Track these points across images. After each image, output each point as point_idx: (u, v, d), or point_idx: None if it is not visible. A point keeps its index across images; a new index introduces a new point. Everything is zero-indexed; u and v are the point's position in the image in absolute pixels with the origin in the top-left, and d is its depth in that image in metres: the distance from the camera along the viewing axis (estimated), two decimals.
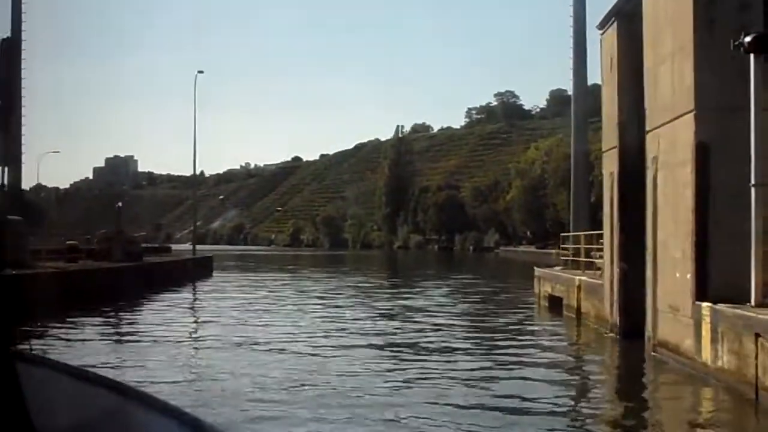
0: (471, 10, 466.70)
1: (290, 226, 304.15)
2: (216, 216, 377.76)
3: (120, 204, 60.55)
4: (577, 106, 38.05)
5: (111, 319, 33.21)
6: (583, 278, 28.97)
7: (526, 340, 25.94)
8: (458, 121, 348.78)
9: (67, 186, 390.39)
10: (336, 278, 68.64)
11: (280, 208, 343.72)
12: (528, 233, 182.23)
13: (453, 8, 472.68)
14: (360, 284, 58.49)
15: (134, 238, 52.78)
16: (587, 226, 38.50)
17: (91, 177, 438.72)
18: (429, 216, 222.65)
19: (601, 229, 35.98)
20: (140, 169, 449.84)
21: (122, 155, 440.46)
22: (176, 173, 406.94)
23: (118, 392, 2.45)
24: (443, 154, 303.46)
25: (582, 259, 32.81)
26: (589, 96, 39.30)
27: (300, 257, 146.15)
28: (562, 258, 39.51)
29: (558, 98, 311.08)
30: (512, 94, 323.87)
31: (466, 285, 57.24)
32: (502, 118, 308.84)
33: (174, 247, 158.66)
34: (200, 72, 77.67)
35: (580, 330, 28.25)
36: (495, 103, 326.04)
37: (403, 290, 51.59)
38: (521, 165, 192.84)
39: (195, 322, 34.42)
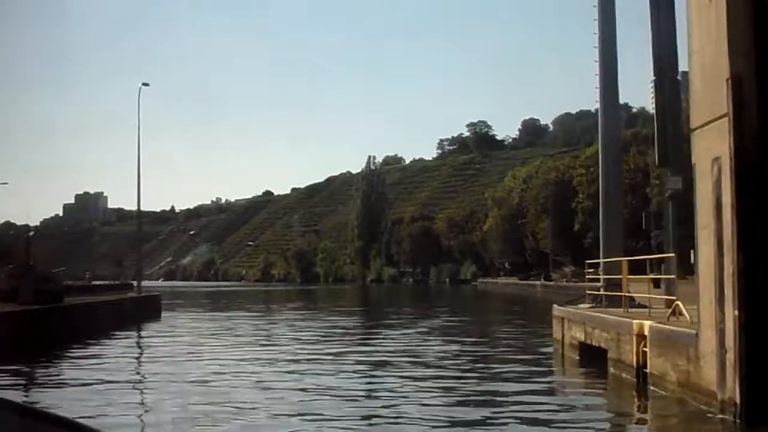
0: (440, 40, 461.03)
1: (261, 260, 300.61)
2: (187, 251, 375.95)
3: (32, 233, 51.61)
4: (606, 89, 29.69)
5: None
6: (649, 323, 19.86)
7: (563, 422, 16.78)
8: (430, 153, 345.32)
9: (37, 223, 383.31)
10: (307, 318, 60.32)
11: (251, 243, 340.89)
12: (506, 264, 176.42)
13: (422, 38, 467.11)
14: (331, 327, 49.47)
15: (51, 275, 43.54)
16: (621, 251, 29.72)
17: (61, 214, 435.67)
18: (403, 248, 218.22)
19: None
20: (110, 205, 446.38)
21: (92, 192, 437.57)
22: (147, 209, 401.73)
23: (66, 427, 2.48)
24: (415, 186, 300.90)
25: (627, 293, 24.21)
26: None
27: (270, 293, 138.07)
28: (590, 293, 30.54)
29: (530, 127, 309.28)
30: (485, 124, 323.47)
31: (452, 326, 48.61)
32: (475, 149, 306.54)
33: (143, 284, 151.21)
34: (145, 84, 68.45)
35: (648, 403, 18.89)
36: (467, 134, 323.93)
37: (378, 334, 42.85)
38: (498, 194, 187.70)
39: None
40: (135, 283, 76.92)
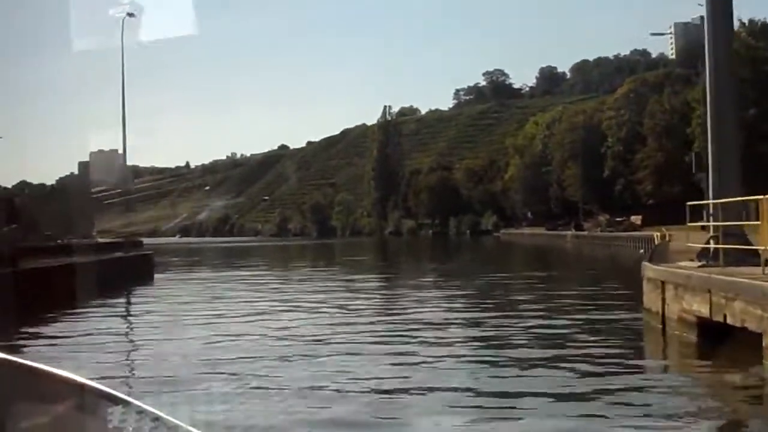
0: None
1: (277, 215, 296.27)
2: (202, 207, 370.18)
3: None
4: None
5: None
6: None
7: None
8: (446, 103, 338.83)
9: (53, 182, 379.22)
10: (322, 279, 52.67)
11: (266, 197, 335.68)
12: (529, 214, 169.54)
13: None
14: (348, 291, 42.17)
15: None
16: (739, 189, 21.99)
17: (76, 172, 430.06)
18: (421, 200, 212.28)
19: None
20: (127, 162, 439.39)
21: (106, 149, 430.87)
22: (161, 165, 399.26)
23: (79, 387, 2.47)
24: (432, 137, 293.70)
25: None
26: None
27: (285, 248, 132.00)
28: (694, 246, 22.84)
29: (547, 75, 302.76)
30: (501, 72, 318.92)
31: (489, 285, 41.50)
32: (492, 98, 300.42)
33: (159, 240, 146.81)
34: (130, 15, 62.76)
35: None
36: (483, 83, 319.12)
37: (401, 301, 35.53)
38: (519, 141, 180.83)
39: None
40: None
